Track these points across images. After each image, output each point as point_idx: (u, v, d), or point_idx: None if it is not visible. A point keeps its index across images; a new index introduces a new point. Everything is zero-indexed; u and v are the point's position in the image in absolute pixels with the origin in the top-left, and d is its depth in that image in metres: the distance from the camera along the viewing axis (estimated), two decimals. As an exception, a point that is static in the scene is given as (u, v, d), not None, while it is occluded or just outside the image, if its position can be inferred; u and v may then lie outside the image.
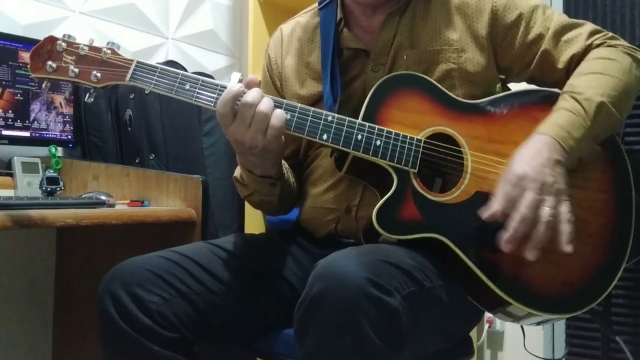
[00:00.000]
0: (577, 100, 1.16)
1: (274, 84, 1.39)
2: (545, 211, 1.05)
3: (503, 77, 1.33)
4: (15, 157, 1.62)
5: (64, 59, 1.16)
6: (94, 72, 1.16)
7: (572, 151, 1.12)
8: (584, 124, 1.14)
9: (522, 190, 1.06)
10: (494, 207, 1.07)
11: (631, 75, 1.21)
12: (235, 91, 1.12)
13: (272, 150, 1.16)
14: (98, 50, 1.17)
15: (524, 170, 1.08)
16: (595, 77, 1.19)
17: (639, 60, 1.24)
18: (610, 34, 1.27)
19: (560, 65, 1.25)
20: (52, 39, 1.16)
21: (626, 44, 1.26)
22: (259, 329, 1.26)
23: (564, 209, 1.07)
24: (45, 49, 1.16)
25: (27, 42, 1.73)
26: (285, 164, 1.33)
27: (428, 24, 1.28)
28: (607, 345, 1.87)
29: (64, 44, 1.16)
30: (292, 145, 1.37)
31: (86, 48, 1.17)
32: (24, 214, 1.20)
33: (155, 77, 1.16)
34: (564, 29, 1.26)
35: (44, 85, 1.17)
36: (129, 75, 1.16)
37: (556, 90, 1.24)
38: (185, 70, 2.13)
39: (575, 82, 1.20)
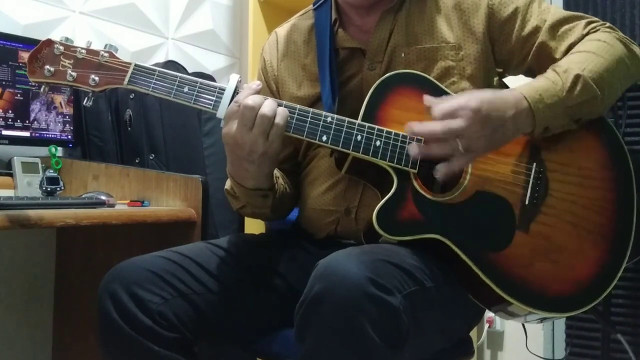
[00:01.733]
0: (556, 72, 1.18)
1: (270, 88, 1.39)
2: (456, 146, 1.06)
3: (500, 70, 1.33)
4: (15, 157, 1.62)
5: (61, 62, 1.15)
6: (92, 75, 1.15)
7: (538, 114, 1.13)
8: (558, 92, 1.15)
9: (462, 118, 1.06)
10: (434, 100, 1.09)
11: (620, 60, 1.21)
12: (230, 93, 1.13)
13: (271, 155, 1.16)
14: (96, 53, 1.16)
15: (480, 108, 1.07)
16: (581, 55, 1.20)
17: (632, 51, 1.24)
18: (608, 24, 1.28)
19: (558, 55, 1.25)
20: (49, 43, 1.16)
21: (622, 34, 1.27)
22: (258, 329, 1.26)
23: (470, 156, 1.09)
24: (43, 52, 1.15)
25: (27, 42, 1.73)
26: (276, 173, 1.32)
27: (424, 22, 1.28)
28: (608, 345, 1.86)
29: (61, 48, 1.16)
30: (290, 148, 1.37)
31: (84, 51, 1.16)
32: (24, 214, 1.20)
33: (154, 80, 1.16)
34: (561, 22, 1.26)
35: (42, 89, 1.16)
36: (127, 79, 1.16)
37: None
38: (186, 71, 2.15)
39: (563, 59, 1.21)
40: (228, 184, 1.32)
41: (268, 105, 1.12)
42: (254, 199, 1.27)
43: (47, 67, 1.14)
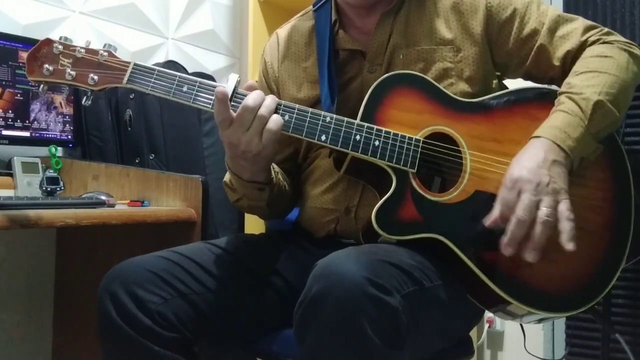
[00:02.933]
0: (573, 101, 1.16)
1: (270, 89, 1.39)
2: (543, 211, 1.05)
3: (499, 73, 1.33)
4: (15, 157, 1.62)
5: (60, 61, 1.15)
6: (91, 74, 1.15)
7: (572, 151, 1.12)
8: (581, 123, 1.14)
9: (518, 192, 1.07)
10: (494, 212, 1.08)
11: (628, 71, 1.21)
12: (229, 94, 1.12)
13: (265, 156, 1.16)
14: (95, 52, 1.16)
15: (520, 173, 1.08)
16: (592, 76, 1.19)
17: (636, 56, 1.24)
18: (606, 29, 1.27)
19: (556, 61, 1.25)
20: (48, 42, 1.16)
21: (622, 39, 1.26)
22: (258, 329, 1.26)
23: (563, 207, 1.07)
24: (42, 51, 1.15)
25: (27, 42, 1.73)
26: (275, 168, 1.33)
27: (423, 23, 1.28)
28: (608, 345, 1.86)
29: (60, 47, 1.16)
30: (290, 148, 1.37)
31: (83, 50, 1.16)
32: (24, 214, 1.20)
33: (153, 80, 1.16)
34: (559, 24, 1.26)
35: (41, 88, 1.16)
36: (126, 78, 1.16)
37: (554, 87, 1.24)
38: (186, 71, 2.16)
39: (572, 81, 1.20)
40: (227, 177, 1.32)
41: (266, 106, 1.12)
42: (250, 191, 1.27)
43: (46, 66, 1.15)
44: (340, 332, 0.93)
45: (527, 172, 1.08)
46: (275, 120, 1.13)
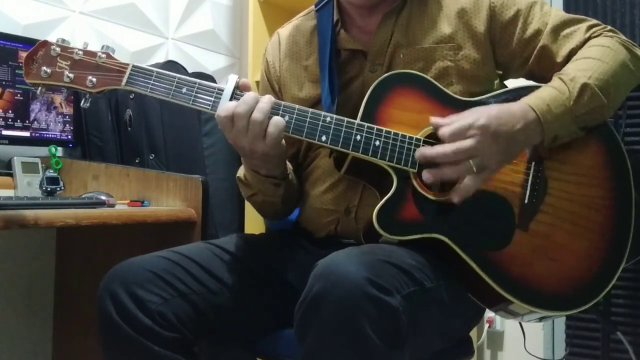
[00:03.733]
0: (562, 81, 1.18)
1: (273, 88, 1.39)
2: (468, 165, 1.08)
3: (501, 73, 1.33)
4: (15, 157, 1.62)
5: (58, 64, 1.14)
6: (89, 77, 1.14)
7: (547, 125, 1.13)
8: (566, 102, 1.15)
9: (471, 136, 1.08)
10: (441, 121, 1.11)
11: (624, 65, 1.21)
12: (229, 95, 1.13)
13: (274, 156, 1.17)
14: (93, 54, 1.15)
15: (489, 124, 1.09)
16: (585, 61, 1.20)
17: (635, 55, 1.24)
18: (610, 27, 1.28)
19: (559, 59, 1.25)
20: (45, 44, 1.15)
21: (624, 37, 1.27)
22: (259, 329, 1.26)
23: (484, 174, 1.10)
24: (39, 54, 1.14)
25: (27, 42, 1.73)
26: (289, 165, 1.33)
27: (424, 22, 1.28)
28: (608, 344, 1.86)
29: (58, 49, 1.15)
30: (292, 148, 1.37)
31: (81, 52, 1.15)
32: (24, 214, 1.20)
33: (152, 81, 1.15)
34: (563, 25, 1.26)
35: (39, 90, 1.15)
36: (124, 80, 1.15)
37: None
38: (186, 71, 2.16)
39: (568, 66, 1.21)
40: (241, 172, 1.33)
41: (260, 109, 1.12)
42: (266, 186, 1.27)
43: (44, 68, 1.14)
44: (340, 332, 0.93)
45: (494, 131, 1.09)
46: (275, 123, 1.13)
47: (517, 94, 1.23)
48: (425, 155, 1.10)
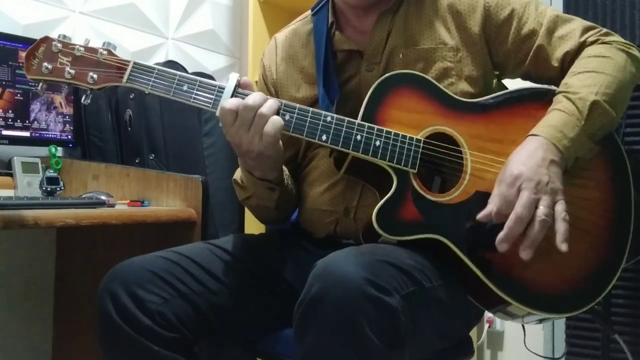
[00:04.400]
0: (570, 100, 1.16)
1: (270, 92, 1.39)
2: (541, 210, 1.06)
3: (498, 73, 1.33)
4: (15, 157, 1.62)
5: (59, 60, 1.14)
6: (91, 73, 1.15)
7: (567, 151, 1.12)
8: (577, 123, 1.14)
9: (518, 190, 1.07)
10: (489, 207, 1.08)
11: (625, 72, 1.21)
12: (230, 92, 1.13)
13: (269, 156, 1.16)
14: (94, 51, 1.16)
15: (520, 170, 1.08)
16: (589, 76, 1.19)
17: (634, 57, 1.24)
18: (604, 30, 1.27)
19: (555, 62, 1.25)
20: (47, 40, 1.15)
21: (620, 39, 1.26)
22: (258, 329, 1.26)
23: (560, 207, 1.07)
24: (40, 49, 1.14)
25: (27, 42, 1.73)
26: (286, 171, 1.33)
27: (422, 23, 1.28)
28: (607, 344, 1.87)
29: (59, 45, 1.15)
30: (292, 149, 1.37)
31: (82, 49, 1.15)
32: (24, 214, 1.20)
33: (153, 79, 1.15)
34: (557, 24, 1.26)
35: (40, 86, 1.15)
36: (125, 77, 1.15)
37: (553, 87, 1.24)
38: (186, 71, 2.15)
39: (570, 81, 1.20)
40: (237, 174, 1.32)
41: (268, 107, 1.12)
42: (260, 189, 1.27)
43: (45, 64, 1.14)
44: (339, 332, 0.93)
45: (528, 170, 1.08)
46: (272, 122, 1.13)
47: (519, 94, 1.23)
48: (508, 236, 1.06)
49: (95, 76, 1.15)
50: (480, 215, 1.08)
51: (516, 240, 1.06)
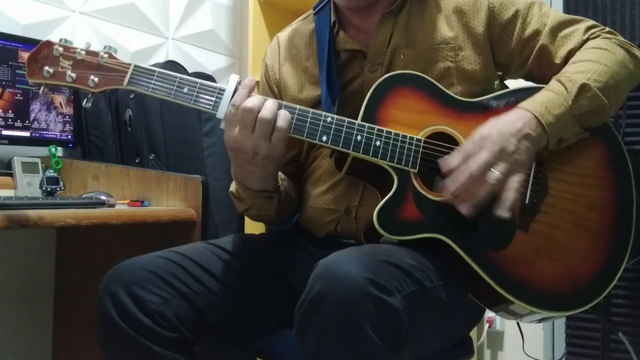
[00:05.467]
0: (560, 82, 1.18)
1: (272, 92, 1.39)
2: (493, 174, 1.07)
3: (501, 73, 1.33)
4: (15, 157, 1.62)
5: (60, 64, 1.15)
6: (92, 76, 1.15)
7: (549, 127, 1.13)
8: (564, 102, 1.15)
9: (480, 149, 1.08)
10: (452, 159, 1.09)
11: (623, 66, 1.21)
12: (230, 94, 1.13)
13: (275, 157, 1.16)
14: (95, 54, 1.16)
15: (489, 132, 1.10)
16: (584, 64, 1.20)
17: (634, 55, 1.24)
18: (608, 29, 1.28)
19: (558, 60, 1.25)
20: (48, 44, 1.15)
21: (622, 38, 1.26)
22: (259, 329, 1.26)
23: (515, 178, 1.08)
24: (42, 54, 1.14)
25: (27, 42, 1.73)
26: (281, 176, 1.32)
27: (424, 23, 1.28)
28: (608, 344, 1.87)
29: (60, 49, 1.15)
30: (293, 150, 1.37)
31: (83, 52, 1.15)
32: (24, 214, 1.20)
33: (153, 81, 1.15)
34: (561, 25, 1.27)
35: (41, 90, 1.16)
36: (126, 80, 1.15)
37: None
38: (186, 71, 2.16)
39: (566, 69, 1.21)
40: (233, 186, 1.32)
41: (268, 108, 1.12)
42: (259, 200, 1.27)
43: (47, 68, 1.14)
44: (340, 332, 0.92)
45: (497, 134, 1.09)
46: (283, 117, 1.13)
47: (520, 94, 1.23)
48: (449, 189, 1.08)
49: (96, 79, 1.15)
50: (441, 164, 1.10)
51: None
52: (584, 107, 1.16)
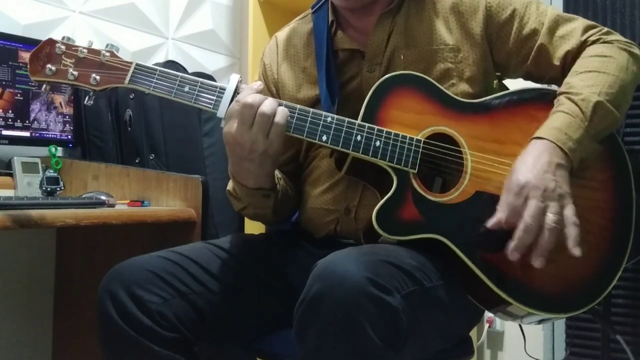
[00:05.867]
0: (573, 101, 1.16)
1: (270, 91, 1.39)
2: (550, 218, 1.06)
3: (499, 73, 1.33)
4: (15, 157, 1.62)
5: (63, 61, 1.15)
6: (93, 75, 1.15)
7: (572, 153, 1.12)
8: (581, 124, 1.14)
9: (525, 198, 1.07)
10: (498, 215, 1.08)
11: (628, 71, 1.21)
12: (231, 93, 1.13)
13: (272, 155, 1.16)
14: (97, 52, 1.17)
15: (527, 178, 1.08)
16: (592, 76, 1.19)
17: (636, 56, 1.24)
18: (606, 29, 1.27)
19: (556, 61, 1.25)
20: (51, 42, 1.16)
21: (622, 38, 1.26)
22: (258, 329, 1.26)
23: (569, 212, 1.07)
24: (44, 51, 1.15)
25: (27, 42, 1.73)
26: (278, 174, 1.32)
27: (423, 24, 1.28)
28: (608, 345, 1.86)
29: (63, 47, 1.16)
30: (292, 150, 1.37)
31: (85, 51, 1.16)
32: (24, 214, 1.20)
33: (154, 80, 1.16)
34: (558, 24, 1.26)
35: (43, 88, 1.17)
36: (128, 78, 1.16)
37: (554, 87, 1.24)
38: (186, 71, 2.15)
39: (572, 81, 1.20)
40: (230, 185, 1.32)
41: (268, 104, 1.12)
42: (255, 199, 1.27)
43: (49, 66, 1.15)
44: (340, 332, 0.92)
45: (534, 178, 1.08)
46: (281, 113, 1.13)
47: (520, 95, 1.23)
48: (517, 245, 1.06)
49: (97, 77, 1.16)
50: (490, 224, 1.09)
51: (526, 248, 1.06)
52: (599, 125, 1.15)
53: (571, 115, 1.15)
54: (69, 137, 1.85)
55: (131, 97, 2.01)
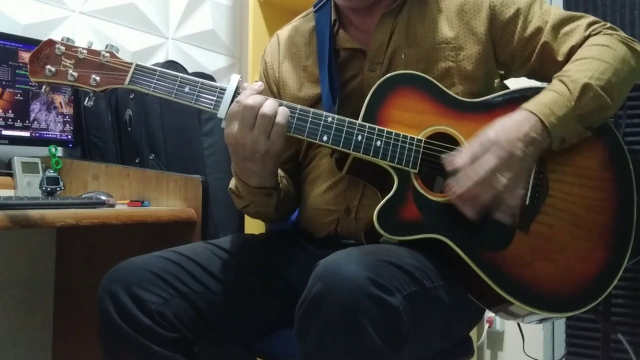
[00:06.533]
0: (563, 82, 1.18)
1: (271, 90, 1.39)
2: (500, 179, 1.08)
3: (502, 72, 1.33)
4: (15, 157, 1.62)
5: (62, 62, 1.15)
6: (93, 75, 1.15)
7: (553, 127, 1.13)
8: (567, 103, 1.15)
9: (487, 152, 1.09)
10: (458, 160, 1.10)
11: (625, 63, 1.21)
12: (231, 93, 1.13)
13: (274, 154, 1.16)
14: (97, 53, 1.16)
15: (498, 137, 1.10)
16: (586, 62, 1.20)
17: (635, 51, 1.24)
18: (609, 24, 1.28)
19: (560, 57, 1.25)
20: (50, 43, 1.16)
21: (623, 34, 1.26)
22: (258, 329, 1.26)
23: (520, 184, 1.10)
24: (44, 52, 1.15)
25: (27, 42, 1.73)
26: (280, 173, 1.32)
27: (425, 23, 1.28)
28: (608, 345, 1.86)
29: (62, 48, 1.16)
30: (292, 149, 1.37)
31: (85, 51, 1.16)
32: (24, 214, 1.20)
33: (155, 80, 1.16)
34: (563, 22, 1.27)
35: (43, 89, 1.16)
36: (127, 79, 1.16)
37: None
38: (186, 71, 2.15)
39: (567, 67, 1.21)
40: (232, 183, 1.32)
41: (268, 105, 1.12)
42: (258, 197, 1.27)
43: (49, 67, 1.14)
44: (341, 332, 0.92)
45: (504, 139, 1.10)
46: (282, 113, 1.13)
47: (521, 94, 1.23)
48: (456, 191, 1.09)
49: (97, 78, 1.15)
50: (446, 162, 1.11)
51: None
52: (586, 107, 1.16)
53: (558, 94, 1.16)
54: (69, 137, 1.85)
55: (131, 97, 2.01)
